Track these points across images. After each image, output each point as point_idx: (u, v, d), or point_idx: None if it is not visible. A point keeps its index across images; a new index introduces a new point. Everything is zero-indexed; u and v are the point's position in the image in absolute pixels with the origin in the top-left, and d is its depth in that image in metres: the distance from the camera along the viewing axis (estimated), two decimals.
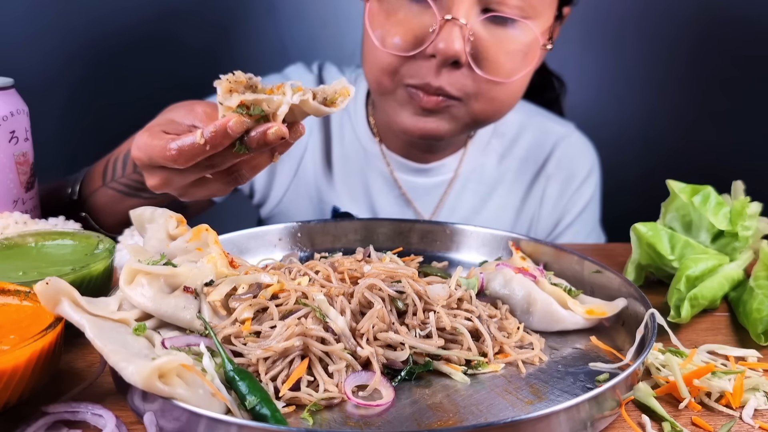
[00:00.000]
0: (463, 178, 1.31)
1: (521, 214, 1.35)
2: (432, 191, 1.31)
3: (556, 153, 1.34)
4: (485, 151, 1.33)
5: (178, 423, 0.59)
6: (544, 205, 1.35)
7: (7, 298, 0.70)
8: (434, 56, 1.05)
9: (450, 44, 1.02)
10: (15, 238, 0.85)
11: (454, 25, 1.03)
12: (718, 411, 0.68)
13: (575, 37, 1.22)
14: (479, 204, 1.33)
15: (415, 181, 1.31)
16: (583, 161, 1.36)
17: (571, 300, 0.83)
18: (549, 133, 1.35)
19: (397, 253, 0.88)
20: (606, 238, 1.40)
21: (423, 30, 1.05)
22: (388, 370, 0.70)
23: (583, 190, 1.35)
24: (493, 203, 1.33)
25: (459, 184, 1.31)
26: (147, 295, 0.69)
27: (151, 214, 0.82)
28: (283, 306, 0.72)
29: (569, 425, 0.60)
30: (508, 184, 1.34)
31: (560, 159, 1.34)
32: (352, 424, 0.64)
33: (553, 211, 1.35)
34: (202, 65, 1.69)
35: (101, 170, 1.12)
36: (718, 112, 1.85)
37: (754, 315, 0.85)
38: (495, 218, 1.32)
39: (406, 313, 0.74)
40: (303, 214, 1.32)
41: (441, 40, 1.03)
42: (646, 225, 0.94)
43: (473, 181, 1.32)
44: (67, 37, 1.66)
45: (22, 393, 0.62)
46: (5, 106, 0.96)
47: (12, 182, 0.98)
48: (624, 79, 1.84)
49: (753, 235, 0.94)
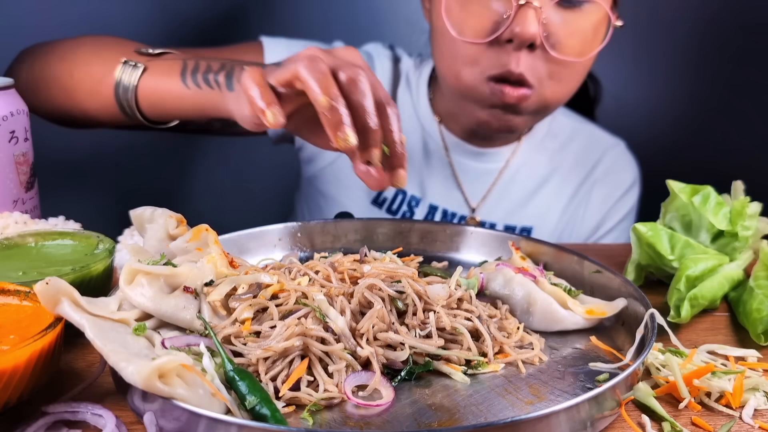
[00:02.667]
0: (513, 170, 1.34)
1: (565, 215, 1.37)
2: (482, 177, 1.33)
3: (605, 160, 1.39)
4: (538, 149, 1.36)
5: (178, 423, 0.59)
6: (588, 208, 1.38)
7: (7, 298, 0.70)
8: (510, 41, 1.08)
9: (525, 27, 1.06)
10: (15, 238, 0.85)
11: (528, 8, 1.06)
12: (718, 411, 0.69)
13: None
14: (526, 198, 1.35)
15: (468, 164, 1.33)
16: (628, 171, 1.41)
17: (571, 300, 0.83)
18: (599, 140, 1.41)
19: (397, 253, 0.88)
20: None
21: (498, 16, 1.09)
22: (388, 370, 0.70)
23: (627, 199, 1.40)
24: (540, 200, 1.35)
25: (508, 175, 1.33)
26: (147, 295, 0.69)
27: (151, 214, 0.82)
28: (283, 306, 0.72)
29: (569, 425, 0.60)
30: (556, 183, 1.37)
31: (608, 166, 1.39)
32: (352, 424, 0.64)
33: (595, 214, 1.38)
34: None
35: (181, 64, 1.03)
36: (719, 112, 1.85)
37: (754, 315, 0.85)
38: (539, 215, 1.35)
39: (406, 313, 0.74)
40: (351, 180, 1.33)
41: (517, 24, 1.06)
42: (646, 225, 0.94)
43: (523, 174, 1.34)
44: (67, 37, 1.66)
45: (22, 393, 0.62)
46: (5, 106, 0.96)
47: (12, 182, 0.98)
48: (624, 79, 1.84)
49: (753, 235, 0.94)
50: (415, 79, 1.36)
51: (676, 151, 1.85)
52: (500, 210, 1.33)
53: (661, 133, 1.86)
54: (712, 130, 1.86)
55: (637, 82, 1.86)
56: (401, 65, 1.38)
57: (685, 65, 1.84)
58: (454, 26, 1.12)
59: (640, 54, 1.82)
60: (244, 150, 1.77)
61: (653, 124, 1.87)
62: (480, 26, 1.10)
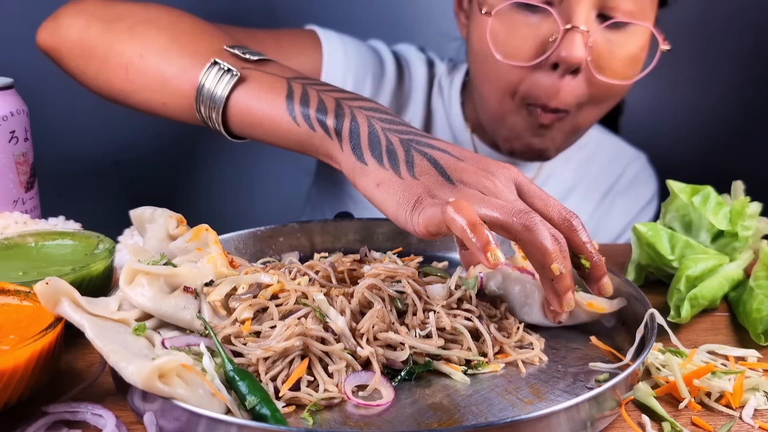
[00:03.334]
0: (541, 181, 1.34)
1: (588, 225, 1.35)
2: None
3: (629, 171, 1.41)
4: (566, 160, 1.36)
5: (178, 423, 0.59)
6: (610, 218, 1.39)
7: (7, 298, 0.70)
8: (556, 66, 1.06)
9: (572, 51, 1.03)
10: (15, 238, 0.85)
11: (575, 32, 1.03)
12: (718, 411, 0.68)
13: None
14: None
15: None
16: (650, 184, 1.44)
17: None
18: (623, 152, 1.43)
19: (397, 253, 0.88)
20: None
21: (544, 39, 1.06)
22: (388, 370, 0.70)
23: (647, 211, 1.41)
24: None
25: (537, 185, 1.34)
26: (147, 295, 0.69)
27: (151, 214, 0.82)
28: (283, 306, 0.72)
29: (569, 425, 0.60)
30: (582, 192, 1.38)
31: (632, 178, 1.41)
32: (352, 424, 0.64)
33: (617, 224, 1.39)
34: None
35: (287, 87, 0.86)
36: (719, 112, 1.85)
37: (754, 315, 0.85)
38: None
39: (406, 313, 0.74)
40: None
41: (563, 49, 1.03)
42: (646, 225, 0.94)
43: (550, 185, 1.34)
44: None
45: (22, 393, 0.62)
46: (5, 106, 0.96)
47: (12, 182, 0.99)
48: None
49: (753, 235, 0.94)
50: (447, 85, 1.34)
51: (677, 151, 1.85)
52: None
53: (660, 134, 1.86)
54: (713, 130, 1.86)
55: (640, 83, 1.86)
56: (435, 70, 1.36)
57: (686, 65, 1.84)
58: (498, 50, 1.08)
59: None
60: (244, 150, 1.77)
61: (654, 124, 1.86)
62: (526, 49, 1.07)
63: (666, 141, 1.87)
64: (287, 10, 1.72)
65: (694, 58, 1.83)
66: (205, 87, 0.86)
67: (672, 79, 1.85)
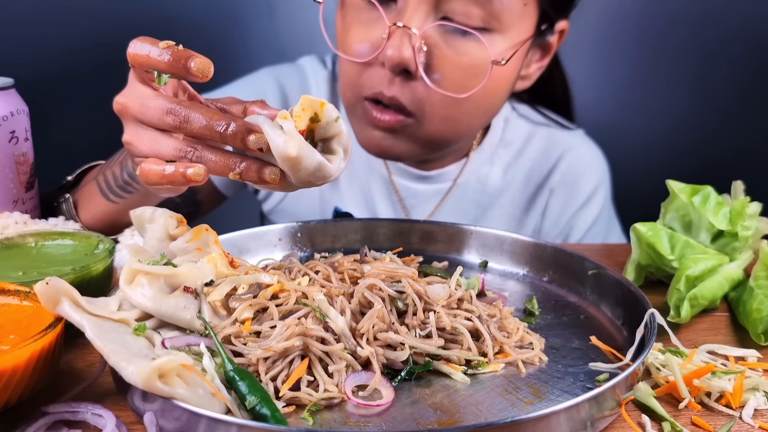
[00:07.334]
0: (462, 187, 1.30)
1: (523, 226, 1.33)
2: (431, 198, 1.30)
3: (561, 165, 1.31)
4: (491, 161, 1.31)
5: (178, 423, 0.59)
6: (546, 219, 1.32)
7: (7, 298, 0.70)
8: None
9: (396, 51, 1.00)
10: (15, 238, 0.85)
11: (404, 33, 1.01)
12: (718, 411, 0.69)
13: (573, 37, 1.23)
14: (480, 213, 1.31)
15: (414, 187, 1.30)
16: (589, 176, 1.32)
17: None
18: (556, 143, 1.32)
19: (397, 253, 0.88)
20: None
21: (376, 36, 1.04)
22: (388, 370, 0.70)
23: (591, 207, 1.32)
24: (494, 213, 1.31)
25: (458, 193, 1.30)
26: (147, 295, 0.69)
27: (151, 214, 0.82)
28: (283, 306, 0.72)
29: (569, 425, 0.60)
30: (511, 194, 1.32)
31: (565, 172, 1.31)
32: (352, 424, 0.64)
33: (555, 225, 1.33)
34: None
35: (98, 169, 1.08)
36: (719, 112, 1.85)
37: (754, 315, 0.85)
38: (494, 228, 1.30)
39: (406, 313, 0.74)
40: (305, 213, 1.32)
41: (389, 47, 1.01)
42: (645, 225, 0.94)
43: (475, 190, 1.30)
44: (68, 37, 1.66)
45: (22, 393, 0.62)
46: (5, 106, 0.96)
47: (12, 182, 0.98)
48: (624, 79, 1.84)
49: (753, 235, 0.94)
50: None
51: (676, 151, 1.85)
52: None
53: (661, 134, 1.86)
54: (712, 130, 1.86)
55: (638, 83, 1.86)
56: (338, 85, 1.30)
57: (687, 65, 1.85)
58: (339, 43, 1.09)
59: (641, 54, 1.82)
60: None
61: (653, 124, 1.87)
62: (359, 45, 1.06)
63: (666, 141, 1.87)
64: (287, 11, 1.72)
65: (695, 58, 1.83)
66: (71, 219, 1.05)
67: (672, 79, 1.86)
